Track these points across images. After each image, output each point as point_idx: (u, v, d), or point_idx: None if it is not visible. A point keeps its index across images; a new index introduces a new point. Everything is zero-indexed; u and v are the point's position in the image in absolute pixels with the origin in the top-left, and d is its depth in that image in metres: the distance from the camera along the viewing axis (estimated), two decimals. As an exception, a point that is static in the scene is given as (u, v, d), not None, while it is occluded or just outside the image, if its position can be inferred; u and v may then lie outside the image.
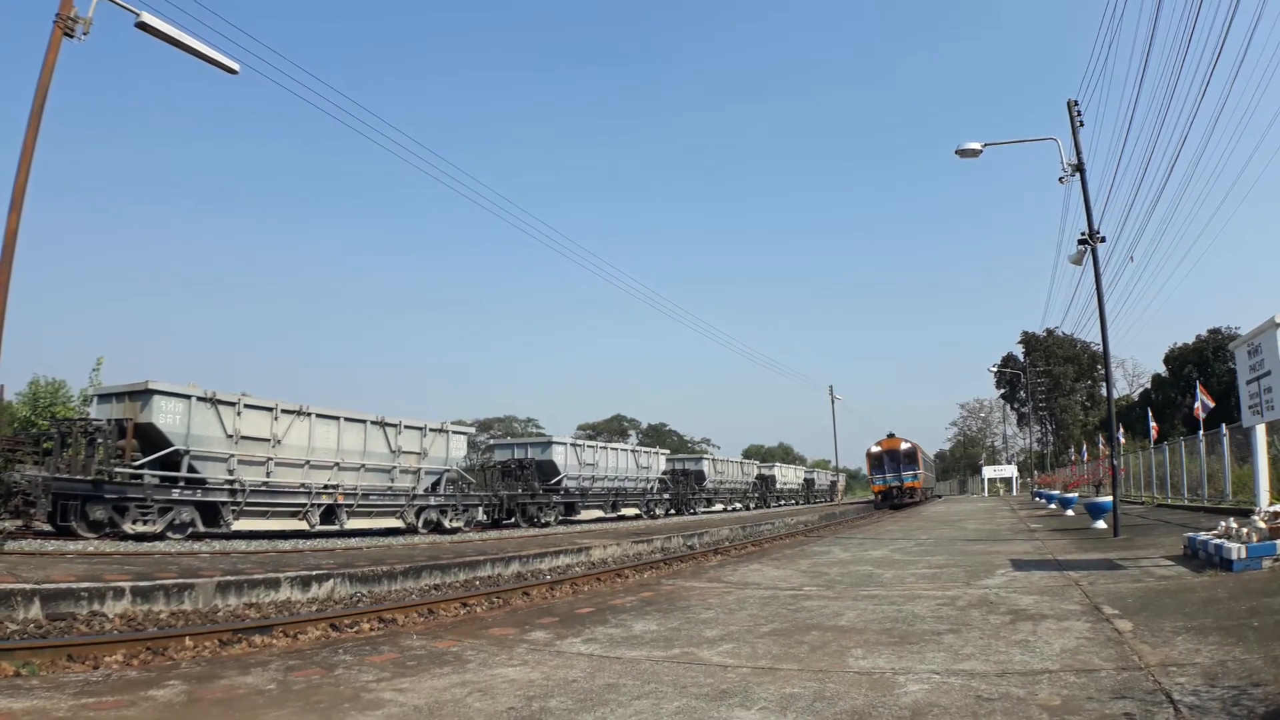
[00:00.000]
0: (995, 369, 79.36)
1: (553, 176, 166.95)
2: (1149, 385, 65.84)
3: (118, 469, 15.66)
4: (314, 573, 10.63)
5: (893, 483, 44.82)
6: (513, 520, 26.01)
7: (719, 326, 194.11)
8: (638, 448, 36.58)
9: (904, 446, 45.12)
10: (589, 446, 31.61)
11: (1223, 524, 8.24)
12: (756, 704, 3.73)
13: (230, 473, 17.60)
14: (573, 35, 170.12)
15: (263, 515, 18.48)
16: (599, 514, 31.49)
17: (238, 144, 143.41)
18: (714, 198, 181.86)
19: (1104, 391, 61.20)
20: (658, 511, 34.90)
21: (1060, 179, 14.50)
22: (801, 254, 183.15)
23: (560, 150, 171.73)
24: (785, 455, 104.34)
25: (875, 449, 46.46)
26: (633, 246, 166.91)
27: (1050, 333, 72.87)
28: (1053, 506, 27.26)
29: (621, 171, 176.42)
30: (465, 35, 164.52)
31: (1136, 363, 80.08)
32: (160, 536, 15.76)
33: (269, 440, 18.44)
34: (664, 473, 36.49)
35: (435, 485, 23.07)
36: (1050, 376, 76.36)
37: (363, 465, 20.70)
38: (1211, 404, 20.33)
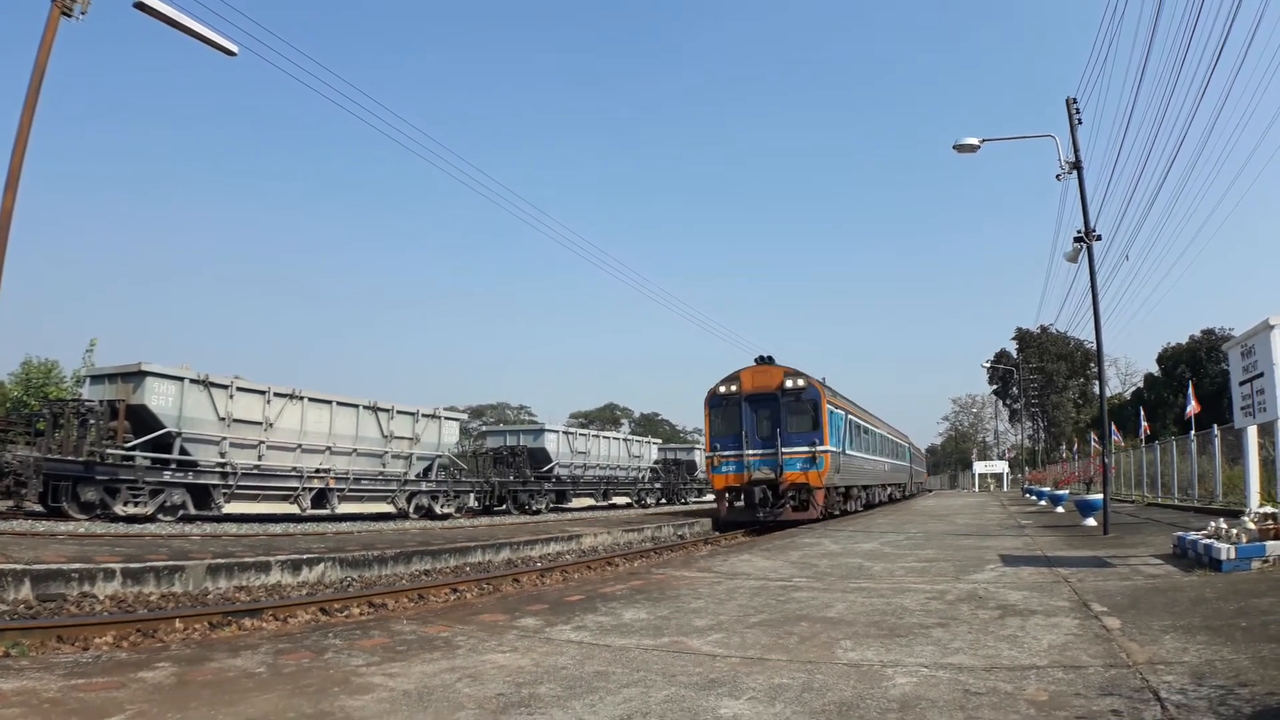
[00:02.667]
0: (988, 364, 79.61)
1: (551, 167, 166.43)
2: (1141, 384, 66.10)
3: (109, 450, 15.61)
4: (304, 556, 10.63)
5: (757, 468, 20.48)
6: (504, 507, 26.06)
7: (714, 318, 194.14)
8: (630, 437, 36.64)
9: (791, 385, 20.76)
10: (581, 435, 31.67)
11: (1212, 524, 8.30)
12: (745, 694, 3.74)
13: (222, 455, 17.56)
14: (576, 31, 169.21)
15: (254, 498, 18.49)
16: (590, 502, 31.57)
17: (237, 131, 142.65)
18: (713, 192, 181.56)
19: (1096, 389, 61.57)
20: (649, 500, 34.99)
21: (1058, 176, 14.50)
22: (800, 248, 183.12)
23: (559, 141, 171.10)
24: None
25: (724, 388, 21.67)
26: (630, 237, 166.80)
27: (1044, 329, 73.02)
28: (1043, 503, 27.38)
29: (620, 164, 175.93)
30: (469, 30, 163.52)
31: (1129, 361, 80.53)
32: (151, 518, 15.73)
33: (261, 424, 18.41)
34: (656, 462, 36.58)
35: (427, 471, 23.08)
36: (1043, 373, 76.60)
37: (355, 450, 20.69)
38: (1197, 409, 20.52)
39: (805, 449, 19.93)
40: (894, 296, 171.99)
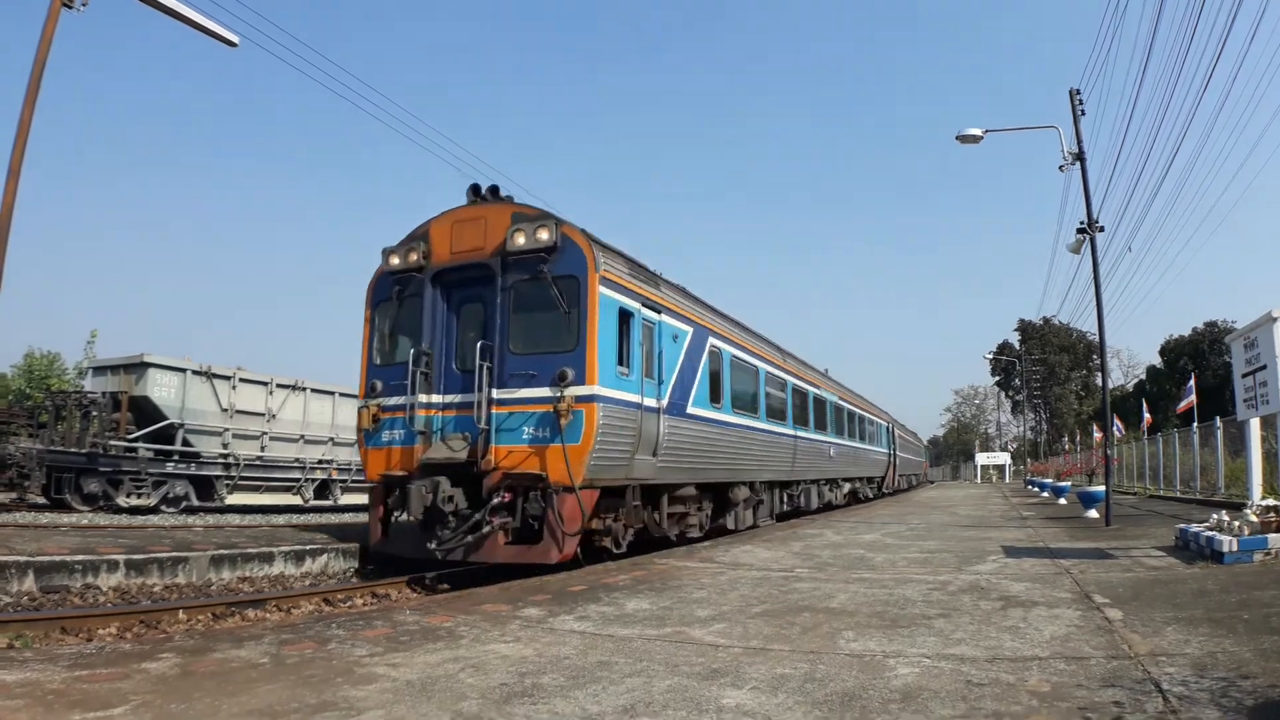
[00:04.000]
0: (991, 356, 79.52)
1: (550, 158, 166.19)
2: (1144, 376, 66.04)
3: (112, 442, 15.65)
4: (307, 547, 10.63)
5: (441, 436, 9.51)
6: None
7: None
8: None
9: (524, 242, 9.15)
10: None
11: (1214, 516, 8.29)
12: (748, 684, 3.75)
13: (225, 446, 17.60)
14: (580, 28, 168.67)
15: (256, 489, 18.53)
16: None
17: (238, 123, 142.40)
18: (712, 185, 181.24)
19: (1098, 381, 61.35)
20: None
21: (1060, 167, 14.45)
22: (801, 240, 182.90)
23: (558, 129, 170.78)
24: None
25: (398, 259, 10.04)
26: (629, 228, 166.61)
27: (1047, 321, 72.99)
28: (1045, 494, 27.41)
29: (619, 154, 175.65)
30: (472, 25, 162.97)
31: (1132, 353, 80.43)
32: (154, 510, 15.78)
33: (264, 414, 18.45)
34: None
35: (430, 463, 23.08)
36: (1045, 365, 76.52)
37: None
38: (1188, 406, 20.63)
39: (543, 392, 8.93)
40: (894, 290, 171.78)
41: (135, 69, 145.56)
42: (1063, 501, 22.50)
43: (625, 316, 9.65)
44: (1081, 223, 14.26)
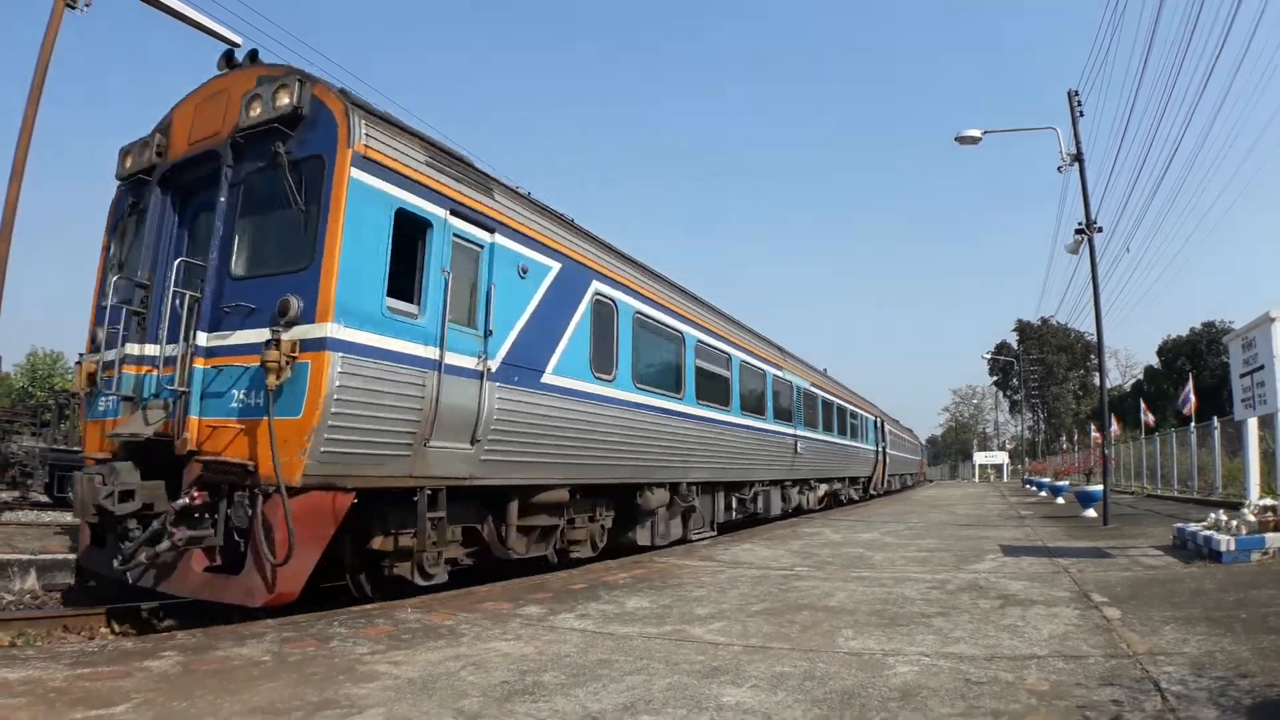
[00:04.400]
0: (989, 356, 79.57)
1: (549, 156, 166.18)
2: (1141, 376, 66.12)
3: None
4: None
5: (146, 404, 6.21)
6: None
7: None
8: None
9: (259, 113, 6.12)
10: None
11: (1212, 516, 8.31)
12: (747, 682, 3.77)
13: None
14: (579, 24, 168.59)
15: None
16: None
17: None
18: (711, 178, 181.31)
19: (1096, 381, 61.42)
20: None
21: (1059, 168, 14.48)
22: (801, 237, 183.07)
23: (558, 127, 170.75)
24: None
25: (131, 160, 7.21)
26: (627, 224, 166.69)
27: (1045, 321, 73.06)
28: (1043, 494, 27.44)
29: (620, 152, 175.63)
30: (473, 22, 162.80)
31: (1129, 353, 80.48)
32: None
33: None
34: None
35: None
36: (1044, 365, 76.60)
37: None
38: (1194, 406, 20.69)
39: (263, 334, 5.66)
40: (892, 291, 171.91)
41: (136, 68, 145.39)
42: (1060, 501, 22.53)
43: (413, 225, 6.53)
44: (1080, 223, 14.28)
